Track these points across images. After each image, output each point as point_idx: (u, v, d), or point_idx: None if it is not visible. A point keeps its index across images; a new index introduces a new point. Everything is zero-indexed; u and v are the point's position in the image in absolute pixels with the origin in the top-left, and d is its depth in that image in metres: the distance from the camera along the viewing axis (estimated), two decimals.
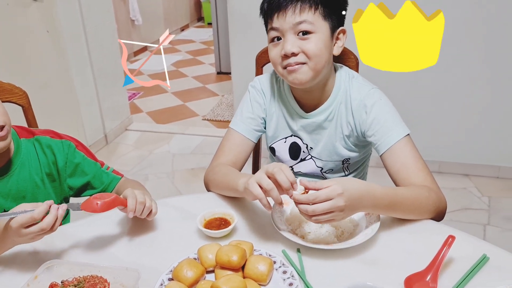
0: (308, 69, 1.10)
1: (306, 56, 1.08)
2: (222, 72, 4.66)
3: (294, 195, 0.89)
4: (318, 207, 0.86)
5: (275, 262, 0.90)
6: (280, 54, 1.10)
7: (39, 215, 0.86)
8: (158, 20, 6.06)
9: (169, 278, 0.87)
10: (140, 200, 0.97)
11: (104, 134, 3.22)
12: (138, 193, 0.98)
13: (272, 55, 1.13)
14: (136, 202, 0.96)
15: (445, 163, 2.69)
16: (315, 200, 0.87)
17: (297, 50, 1.08)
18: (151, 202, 1.01)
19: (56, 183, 1.19)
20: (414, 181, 1.04)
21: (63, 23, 2.66)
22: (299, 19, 1.07)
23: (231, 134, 1.24)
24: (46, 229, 0.87)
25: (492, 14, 2.28)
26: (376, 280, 0.85)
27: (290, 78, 1.12)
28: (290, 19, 1.07)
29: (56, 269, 0.88)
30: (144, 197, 0.99)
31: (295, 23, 1.07)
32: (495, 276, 0.86)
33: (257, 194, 0.91)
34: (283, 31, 1.09)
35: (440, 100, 2.56)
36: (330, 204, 0.86)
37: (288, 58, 1.09)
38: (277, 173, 0.89)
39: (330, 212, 0.87)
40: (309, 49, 1.08)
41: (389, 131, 1.10)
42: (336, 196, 0.86)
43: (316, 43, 1.08)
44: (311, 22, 1.07)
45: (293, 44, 1.08)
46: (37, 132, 1.19)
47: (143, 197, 0.98)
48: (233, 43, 2.74)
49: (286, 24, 1.08)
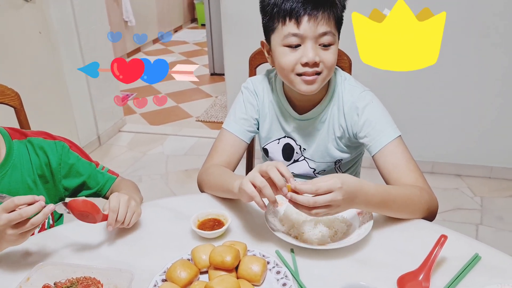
0: (321, 79, 1.09)
1: (324, 66, 1.07)
2: (216, 73, 4.66)
3: (296, 186, 0.88)
4: (320, 198, 0.86)
5: (269, 263, 0.90)
6: (299, 61, 1.06)
7: (26, 213, 0.85)
8: (151, 21, 6.05)
9: (162, 279, 0.87)
10: (119, 219, 0.97)
11: (97, 135, 3.21)
12: (122, 204, 0.98)
13: (288, 61, 1.08)
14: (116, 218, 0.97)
15: (438, 164, 2.71)
16: (317, 191, 0.86)
17: (318, 60, 1.06)
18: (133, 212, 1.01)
19: (50, 184, 1.18)
20: (406, 181, 1.05)
21: (55, 24, 2.65)
22: (327, 29, 1.05)
23: (224, 135, 1.24)
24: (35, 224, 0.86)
25: (483, 15, 2.30)
26: (369, 279, 0.86)
27: (303, 88, 1.10)
28: (320, 28, 1.04)
29: (49, 271, 0.87)
30: (126, 210, 0.98)
31: (322, 33, 1.04)
32: (487, 275, 0.86)
33: (250, 193, 0.90)
34: (305, 39, 1.05)
35: (433, 101, 2.57)
36: (330, 197, 0.86)
37: (307, 66, 1.06)
38: (270, 170, 0.89)
39: (328, 206, 0.87)
40: (328, 60, 1.07)
41: (381, 132, 1.10)
42: (337, 189, 0.86)
43: (334, 54, 1.08)
44: (334, 33, 1.06)
45: (316, 53, 1.05)
46: (30, 133, 1.18)
47: (124, 210, 0.98)
48: (226, 45, 2.74)
49: (313, 32, 1.04)
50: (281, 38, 1.07)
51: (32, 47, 2.56)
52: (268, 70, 1.29)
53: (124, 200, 0.99)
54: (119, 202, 0.98)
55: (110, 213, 0.97)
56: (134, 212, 1.01)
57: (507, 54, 2.36)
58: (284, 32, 1.06)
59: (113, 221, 0.97)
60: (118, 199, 0.99)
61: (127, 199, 1.00)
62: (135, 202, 1.03)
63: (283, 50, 1.08)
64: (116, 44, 5.01)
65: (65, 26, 2.76)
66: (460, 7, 2.30)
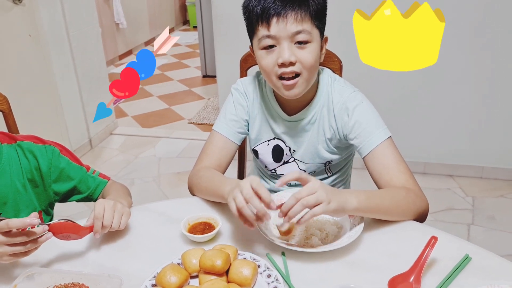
0: (303, 81, 1.08)
1: (302, 66, 1.06)
2: (208, 75, 4.65)
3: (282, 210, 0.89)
4: (306, 199, 0.87)
5: (260, 266, 0.89)
6: (276, 62, 1.06)
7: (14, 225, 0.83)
8: (143, 23, 6.03)
9: (152, 284, 0.86)
10: (105, 224, 0.96)
11: (88, 138, 3.19)
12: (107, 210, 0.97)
13: (266, 64, 1.08)
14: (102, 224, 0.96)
15: (430, 164, 2.72)
16: (299, 196, 0.87)
17: (294, 59, 1.05)
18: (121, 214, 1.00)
19: (39, 189, 1.17)
20: (396, 183, 1.05)
21: (45, 27, 2.63)
22: (300, 28, 1.03)
23: (215, 137, 1.23)
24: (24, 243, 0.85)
25: (472, 16, 2.32)
26: (361, 282, 0.86)
27: (285, 93, 1.10)
28: (290, 27, 1.02)
29: (37, 278, 0.86)
30: (112, 214, 0.97)
31: (294, 32, 1.03)
32: (478, 275, 0.87)
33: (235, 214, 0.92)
34: (279, 39, 1.05)
35: (424, 102, 2.58)
36: (315, 197, 0.87)
37: (284, 67, 1.06)
38: (250, 199, 0.89)
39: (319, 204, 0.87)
40: (305, 59, 1.05)
41: (371, 134, 1.10)
42: (319, 189, 0.87)
43: (312, 52, 1.06)
44: (309, 31, 1.04)
45: (291, 53, 1.04)
46: (20, 137, 1.17)
47: (110, 215, 0.97)
48: (218, 47, 2.73)
49: (285, 32, 1.03)
50: (258, 42, 1.08)
51: (22, 50, 2.54)
52: (258, 71, 1.29)
53: (109, 205, 0.98)
54: (103, 208, 0.97)
55: (95, 220, 0.95)
56: (122, 214, 0.99)
57: (496, 54, 2.38)
58: (258, 35, 1.07)
59: (99, 228, 0.96)
60: (103, 205, 0.97)
61: (113, 204, 0.99)
62: (121, 205, 1.01)
63: (261, 54, 1.09)
64: (108, 46, 5.00)
65: (56, 29, 2.74)
66: (448, 7, 2.31)
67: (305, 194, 0.87)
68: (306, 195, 0.87)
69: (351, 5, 2.33)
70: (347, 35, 2.39)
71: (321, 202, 0.87)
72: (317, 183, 0.89)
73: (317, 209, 0.87)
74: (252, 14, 1.07)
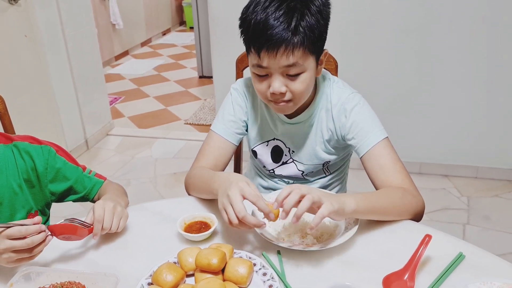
0: (293, 105, 1.10)
1: (293, 94, 1.06)
2: (204, 76, 4.65)
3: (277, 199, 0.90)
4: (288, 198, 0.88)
5: (255, 265, 0.90)
6: (267, 90, 1.06)
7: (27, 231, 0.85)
8: (139, 24, 6.03)
9: (148, 282, 0.87)
10: (105, 226, 0.97)
11: (85, 139, 3.18)
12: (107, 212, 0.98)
13: (258, 88, 1.08)
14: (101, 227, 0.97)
15: (426, 164, 2.74)
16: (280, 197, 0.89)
17: (285, 90, 1.04)
18: (120, 217, 1.01)
19: (36, 189, 1.17)
20: (392, 182, 1.06)
21: (41, 27, 2.63)
22: (291, 61, 0.99)
23: (212, 137, 1.24)
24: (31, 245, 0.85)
25: (469, 18, 2.33)
26: (355, 280, 0.86)
27: (276, 111, 1.16)
28: (281, 61, 0.99)
29: (33, 276, 0.86)
30: (112, 217, 0.98)
31: (285, 65, 1.00)
32: (471, 273, 0.87)
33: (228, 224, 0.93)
34: (270, 70, 1.03)
35: (420, 102, 2.59)
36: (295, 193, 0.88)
37: (274, 95, 1.06)
38: (244, 218, 0.89)
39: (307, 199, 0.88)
40: (296, 89, 1.05)
41: (368, 134, 1.11)
42: (295, 188, 0.89)
43: (303, 82, 1.05)
44: (301, 63, 1.01)
45: (281, 84, 1.03)
46: (16, 137, 1.17)
47: (110, 218, 0.98)
48: (214, 47, 2.74)
49: (275, 65, 1.00)
50: (251, 63, 1.07)
51: (18, 50, 2.53)
52: None
53: (109, 207, 0.99)
54: (103, 211, 0.98)
55: (95, 223, 0.96)
56: (121, 217, 1.01)
57: (493, 55, 2.39)
58: (251, 60, 1.06)
59: (98, 231, 0.97)
60: (103, 207, 0.98)
61: (112, 206, 1.00)
62: (121, 207, 1.03)
63: (254, 76, 1.09)
64: (104, 47, 5.00)
65: (52, 29, 2.74)
66: (447, 9, 2.32)
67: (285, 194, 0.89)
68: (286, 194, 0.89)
69: (346, 6, 2.35)
70: (342, 35, 2.41)
71: (322, 202, 0.88)
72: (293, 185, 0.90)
73: (323, 209, 0.87)
74: (246, 35, 1.04)
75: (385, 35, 2.46)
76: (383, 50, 2.50)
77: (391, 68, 2.54)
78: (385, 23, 2.43)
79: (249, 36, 1.02)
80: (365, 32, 2.46)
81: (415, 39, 2.43)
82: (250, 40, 1.02)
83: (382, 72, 2.56)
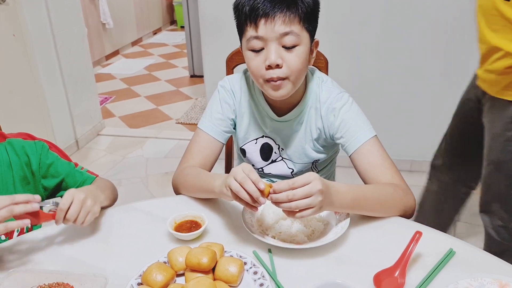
0: (290, 84, 1.07)
1: (289, 69, 1.05)
2: (195, 75, 4.64)
3: (273, 198, 0.88)
4: (297, 203, 0.86)
5: (246, 263, 0.89)
6: (264, 64, 1.04)
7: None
8: (130, 23, 5.99)
9: (138, 282, 0.86)
10: (69, 217, 0.94)
11: (75, 139, 3.16)
12: (75, 203, 0.95)
13: (254, 65, 1.07)
14: (65, 216, 0.94)
15: (416, 162, 2.75)
16: (294, 184, 0.86)
17: (281, 62, 1.04)
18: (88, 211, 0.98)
19: (31, 185, 1.16)
20: (382, 179, 1.06)
21: (30, 26, 2.60)
22: (288, 29, 1.01)
23: (199, 136, 1.22)
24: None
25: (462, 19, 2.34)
26: (346, 277, 0.86)
27: (272, 93, 1.09)
28: (278, 28, 1.01)
29: (20, 277, 0.85)
30: (78, 209, 0.95)
31: (282, 33, 1.01)
32: (462, 269, 0.88)
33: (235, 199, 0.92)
34: (267, 41, 1.03)
35: (410, 100, 2.60)
36: (309, 202, 0.86)
37: (271, 69, 1.04)
38: (244, 183, 0.88)
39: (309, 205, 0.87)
40: (292, 63, 1.04)
41: (356, 132, 1.12)
42: (314, 179, 0.87)
43: (299, 56, 1.04)
44: (298, 34, 1.02)
45: (277, 55, 1.03)
46: (9, 135, 1.17)
47: (76, 209, 0.95)
48: (205, 46, 2.73)
49: (272, 33, 1.01)
50: (246, 42, 1.07)
51: (6, 50, 2.50)
52: (245, 69, 1.28)
53: (78, 198, 0.95)
54: (71, 200, 0.95)
55: (58, 210, 0.93)
56: (89, 211, 0.97)
57: None
58: (247, 35, 1.06)
59: (60, 219, 0.94)
60: (72, 196, 0.95)
61: (83, 198, 0.96)
62: (92, 201, 0.99)
63: (249, 55, 1.08)
64: (94, 47, 4.96)
65: (40, 29, 2.71)
66: (436, 9, 2.33)
67: (300, 196, 0.86)
68: (299, 197, 0.86)
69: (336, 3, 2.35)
70: (332, 33, 2.41)
71: (312, 207, 0.87)
72: (316, 187, 0.86)
73: (306, 213, 0.87)
74: (241, 14, 1.05)
75: (375, 34, 2.46)
76: (373, 49, 2.51)
77: (381, 66, 2.55)
78: (375, 22, 2.43)
79: (247, 10, 1.03)
80: (355, 31, 2.46)
81: (404, 38, 2.44)
82: (247, 14, 1.03)
83: (371, 70, 2.57)
